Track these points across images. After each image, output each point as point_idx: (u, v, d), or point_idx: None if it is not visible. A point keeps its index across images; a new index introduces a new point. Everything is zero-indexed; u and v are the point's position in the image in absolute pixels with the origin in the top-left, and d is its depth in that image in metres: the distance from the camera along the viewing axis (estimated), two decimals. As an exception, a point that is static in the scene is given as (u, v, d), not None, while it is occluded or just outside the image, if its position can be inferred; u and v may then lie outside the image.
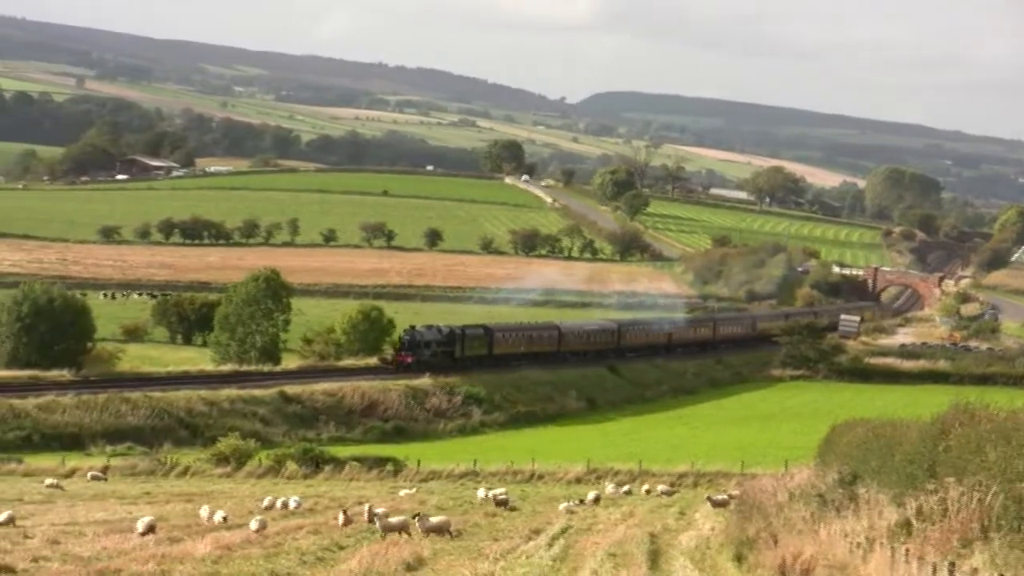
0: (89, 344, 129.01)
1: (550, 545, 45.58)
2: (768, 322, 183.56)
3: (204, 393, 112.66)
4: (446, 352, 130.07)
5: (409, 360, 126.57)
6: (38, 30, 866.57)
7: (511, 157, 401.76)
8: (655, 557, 42.53)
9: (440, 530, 47.63)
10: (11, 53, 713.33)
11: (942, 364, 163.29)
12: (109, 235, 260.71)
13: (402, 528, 47.94)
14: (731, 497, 65.21)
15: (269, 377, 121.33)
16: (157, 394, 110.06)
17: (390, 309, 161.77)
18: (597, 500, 71.98)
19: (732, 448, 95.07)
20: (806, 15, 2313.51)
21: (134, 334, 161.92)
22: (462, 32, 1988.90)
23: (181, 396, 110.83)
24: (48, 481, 77.54)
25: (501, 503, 63.27)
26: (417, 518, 49.90)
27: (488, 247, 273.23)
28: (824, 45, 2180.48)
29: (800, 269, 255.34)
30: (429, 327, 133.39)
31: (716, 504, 64.11)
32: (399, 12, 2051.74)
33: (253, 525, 48.71)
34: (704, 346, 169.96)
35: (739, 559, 40.00)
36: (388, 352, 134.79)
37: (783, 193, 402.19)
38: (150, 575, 35.05)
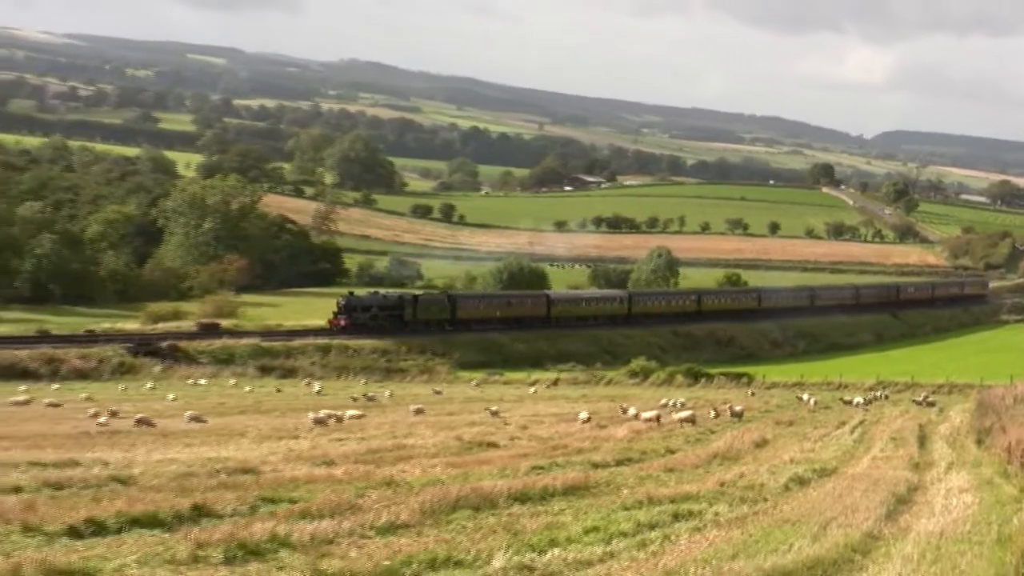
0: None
1: (852, 432, 45.52)
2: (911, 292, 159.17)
3: (623, 330, 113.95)
4: (392, 316, 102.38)
5: (343, 323, 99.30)
6: (514, 91, 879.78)
7: (826, 174, 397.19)
8: (923, 440, 42.55)
9: (692, 420, 47.48)
10: (496, 107, 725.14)
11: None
12: (560, 226, 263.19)
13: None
14: (929, 402, 66.70)
15: (662, 320, 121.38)
16: (591, 332, 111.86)
17: (745, 276, 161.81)
18: (886, 398, 71.14)
19: (974, 368, 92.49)
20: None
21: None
22: (797, 89, 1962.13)
23: (605, 333, 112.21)
24: (535, 389, 79.37)
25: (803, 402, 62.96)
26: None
27: (810, 234, 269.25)
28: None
29: (1021, 248, 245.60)
30: (373, 293, 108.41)
31: (918, 404, 65.96)
32: (752, 77, 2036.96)
33: (648, 414, 49.18)
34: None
35: (979, 442, 39.88)
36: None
37: (1009, 197, 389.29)
38: (587, 449, 35.45)
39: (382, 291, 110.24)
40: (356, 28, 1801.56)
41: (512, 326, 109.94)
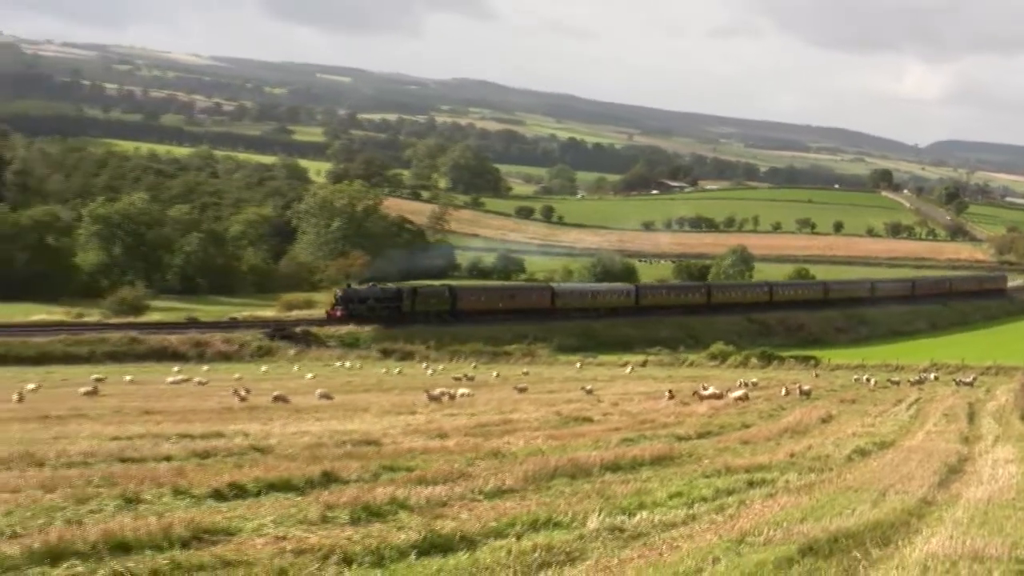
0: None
1: (908, 409, 45.24)
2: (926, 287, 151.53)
3: (700, 318, 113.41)
4: (390, 307, 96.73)
5: (339, 314, 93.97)
6: (606, 106, 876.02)
7: (884, 179, 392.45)
8: (972, 416, 42.26)
9: (744, 399, 47.17)
10: (591, 120, 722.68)
11: None
12: (648, 226, 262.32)
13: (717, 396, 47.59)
14: (967, 382, 65.22)
15: (738, 308, 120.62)
16: (675, 319, 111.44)
17: (813, 270, 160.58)
18: (936, 379, 70.38)
19: (1020, 352, 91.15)
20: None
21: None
22: (858, 103, 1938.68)
23: (692, 319, 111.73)
24: (626, 369, 79.44)
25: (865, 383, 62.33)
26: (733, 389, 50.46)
27: (871, 232, 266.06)
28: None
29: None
30: (372, 286, 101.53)
31: (959, 384, 64.43)
32: (818, 92, 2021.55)
33: (707, 392, 49.13)
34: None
35: (1023, 418, 39.42)
36: None
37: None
38: (672, 423, 35.42)
39: (381, 285, 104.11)
40: (467, 50, 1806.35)
41: (518, 318, 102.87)
